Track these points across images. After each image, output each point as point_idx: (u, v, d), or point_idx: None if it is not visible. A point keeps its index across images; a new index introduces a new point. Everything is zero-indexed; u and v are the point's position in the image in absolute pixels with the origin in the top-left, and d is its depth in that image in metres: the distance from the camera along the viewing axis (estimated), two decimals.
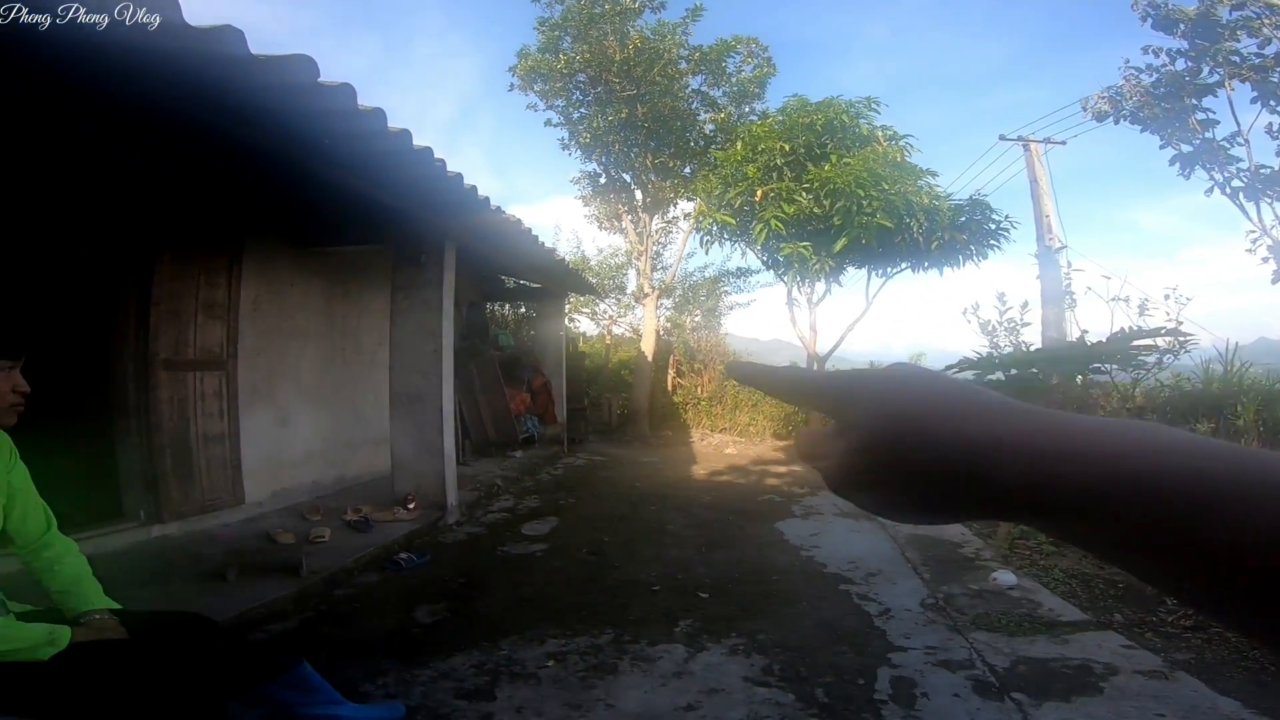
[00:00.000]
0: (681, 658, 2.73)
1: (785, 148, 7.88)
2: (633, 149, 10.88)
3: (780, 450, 10.03)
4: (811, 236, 7.76)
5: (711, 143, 11.04)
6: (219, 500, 4.35)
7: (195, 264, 4.22)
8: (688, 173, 11.30)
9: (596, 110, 10.52)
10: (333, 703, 2.00)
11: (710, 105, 11.06)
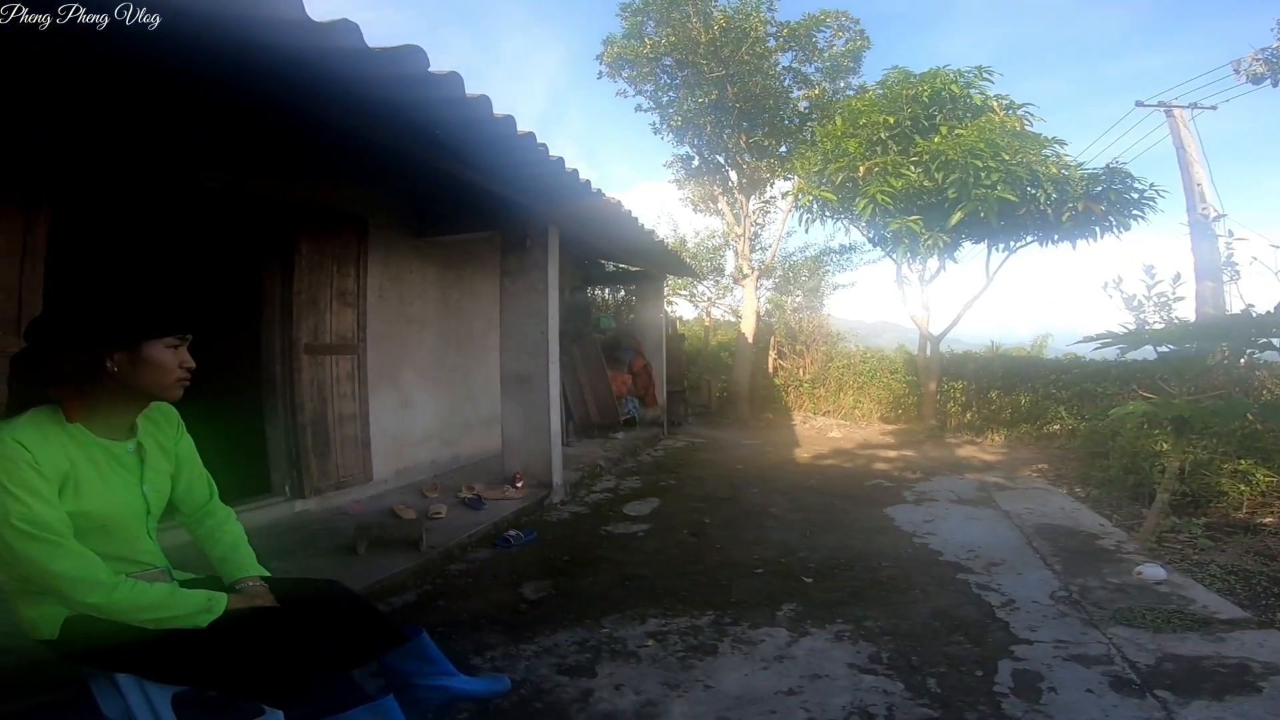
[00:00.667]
0: (784, 641, 2.69)
1: (889, 121, 7.53)
2: (725, 130, 10.74)
3: (889, 434, 9.62)
4: (922, 211, 7.36)
5: (807, 120, 10.75)
6: (351, 477, 4.70)
7: (329, 255, 4.55)
8: (783, 151, 11.04)
9: (686, 93, 10.47)
10: (446, 674, 2.06)
11: (803, 82, 10.76)
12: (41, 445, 1.41)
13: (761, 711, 2.17)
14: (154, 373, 1.53)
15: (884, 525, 4.53)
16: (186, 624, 1.53)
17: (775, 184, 12.17)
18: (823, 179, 8.09)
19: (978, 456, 7.64)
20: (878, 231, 8.38)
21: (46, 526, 1.38)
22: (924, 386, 9.83)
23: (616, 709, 2.17)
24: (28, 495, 1.37)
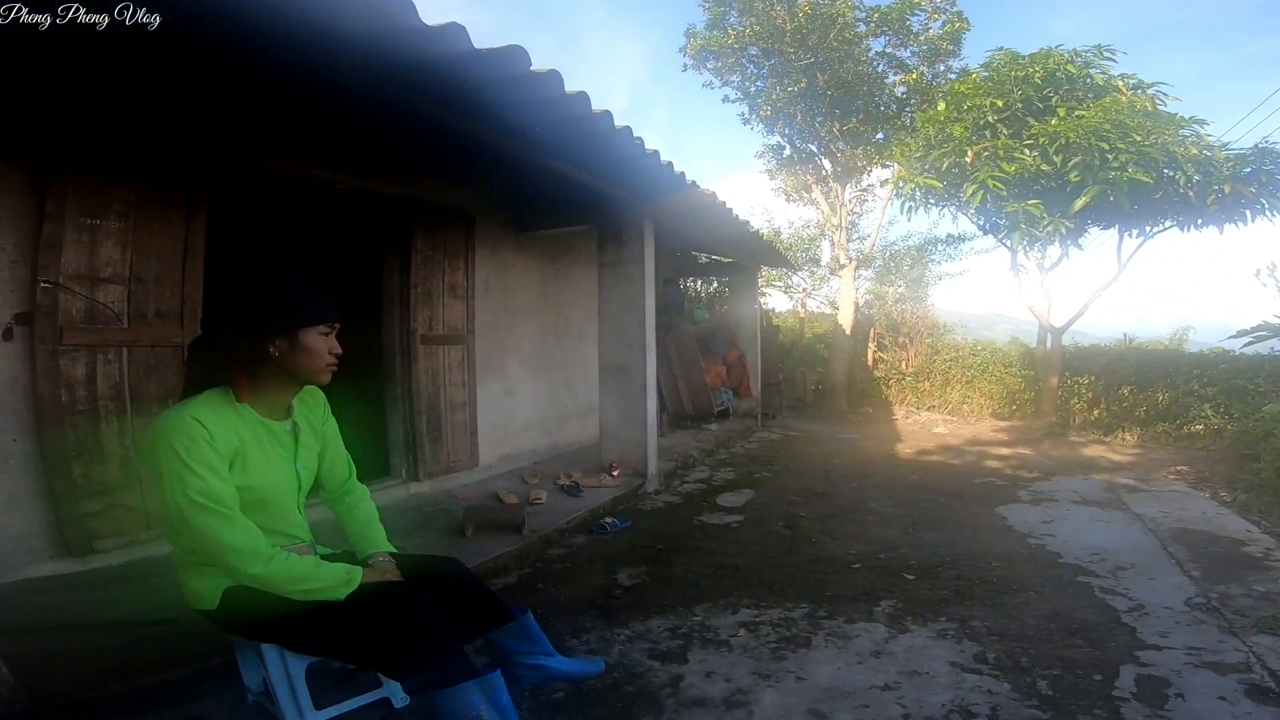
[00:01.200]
0: (881, 637, 2.62)
1: (998, 104, 7.13)
2: (816, 118, 10.46)
3: (1002, 431, 9.04)
4: (1040, 196, 6.88)
5: (904, 106, 10.31)
6: (460, 463, 4.97)
7: (440, 250, 4.83)
8: (880, 138, 10.64)
9: (774, 82, 10.24)
10: (545, 654, 2.14)
11: (899, 67, 10.28)
12: (216, 423, 1.57)
13: (854, 705, 2.13)
14: (308, 357, 1.67)
15: (995, 524, 4.28)
16: (328, 596, 1.65)
17: (872, 172, 11.76)
18: (925, 165, 7.73)
19: (1106, 456, 7.05)
20: (989, 218, 7.94)
21: (219, 500, 1.53)
22: (1044, 381, 9.17)
23: (706, 695, 2.19)
24: (204, 470, 1.52)
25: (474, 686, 1.62)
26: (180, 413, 1.56)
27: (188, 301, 3.24)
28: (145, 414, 3.10)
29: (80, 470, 2.91)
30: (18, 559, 2.82)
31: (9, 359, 2.76)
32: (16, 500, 2.82)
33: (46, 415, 2.81)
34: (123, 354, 3.04)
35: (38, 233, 2.79)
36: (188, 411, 1.56)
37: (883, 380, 11.63)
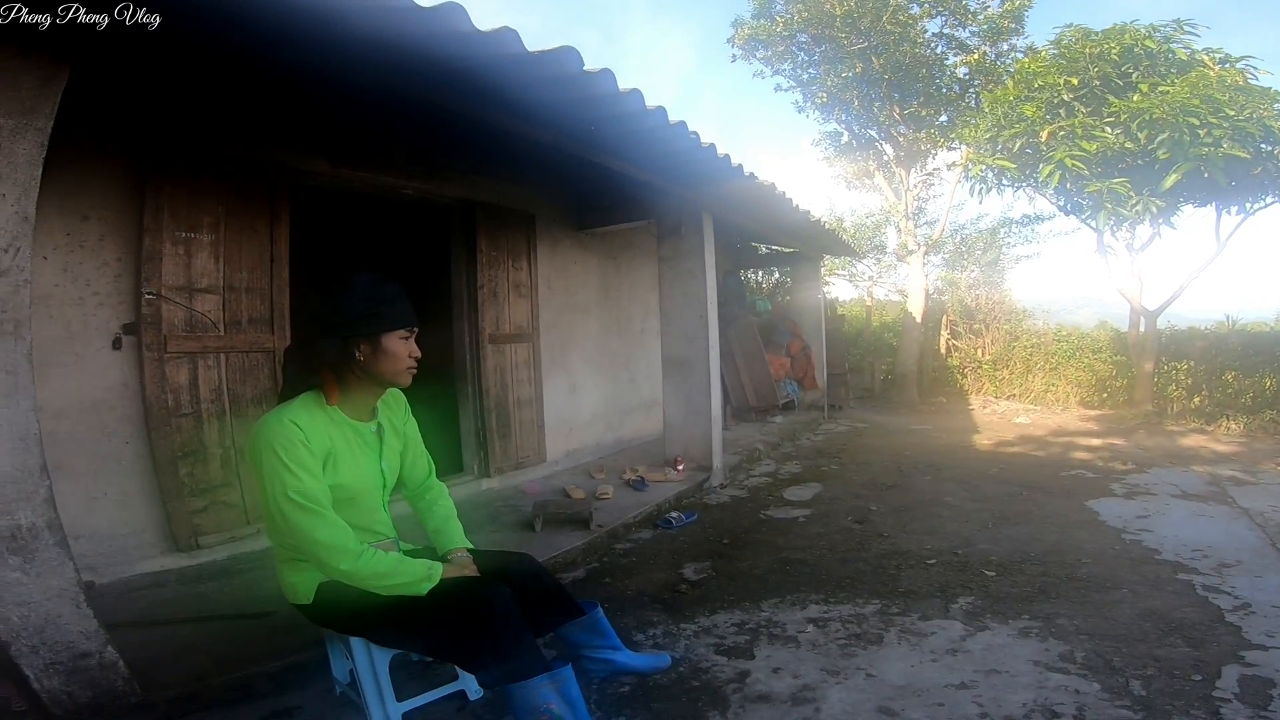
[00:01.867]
0: (958, 635, 2.53)
1: (1072, 82, 6.86)
2: (874, 103, 10.21)
3: (1091, 420, 8.54)
4: (1125, 174, 6.52)
5: (969, 87, 9.96)
6: (528, 459, 5.09)
7: (504, 251, 4.95)
8: (944, 121, 10.28)
9: (827, 68, 10.03)
10: (613, 648, 2.18)
11: (959, 47, 9.92)
12: (310, 425, 1.67)
13: (927, 703, 2.07)
14: (390, 361, 1.76)
15: (1084, 519, 4.05)
16: (410, 591, 1.71)
17: (937, 155, 11.36)
18: (996, 146, 7.45)
19: (1208, 447, 6.55)
20: (1070, 198, 7.57)
21: (314, 499, 1.62)
22: (1137, 367, 8.61)
23: (772, 691, 2.17)
24: (301, 470, 1.61)
25: (546, 680, 1.67)
26: (279, 416, 1.66)
27: (275, 308, 3.45)
28: (242, 416, 3.32)
29: (186, 469, 3.14)
30: (132, 554, 3.05)
31: (119, 366, 3.01)
32: (130, 498, 3.05)
33: (154, 418, 3.05)
34: (220, 360, 3.27)
35: (138, 246, 3.02)
36: (286, 415, 1.65)
37: (957, 369, 11.17)
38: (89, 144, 2.87)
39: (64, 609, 1.87)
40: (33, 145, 1.73)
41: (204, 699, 2.12)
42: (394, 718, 1.88)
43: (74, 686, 1.89)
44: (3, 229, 1.68)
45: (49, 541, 1.84)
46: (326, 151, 3.78)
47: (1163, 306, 8.29)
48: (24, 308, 1.73)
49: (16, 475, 1.77)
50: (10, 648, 1.80)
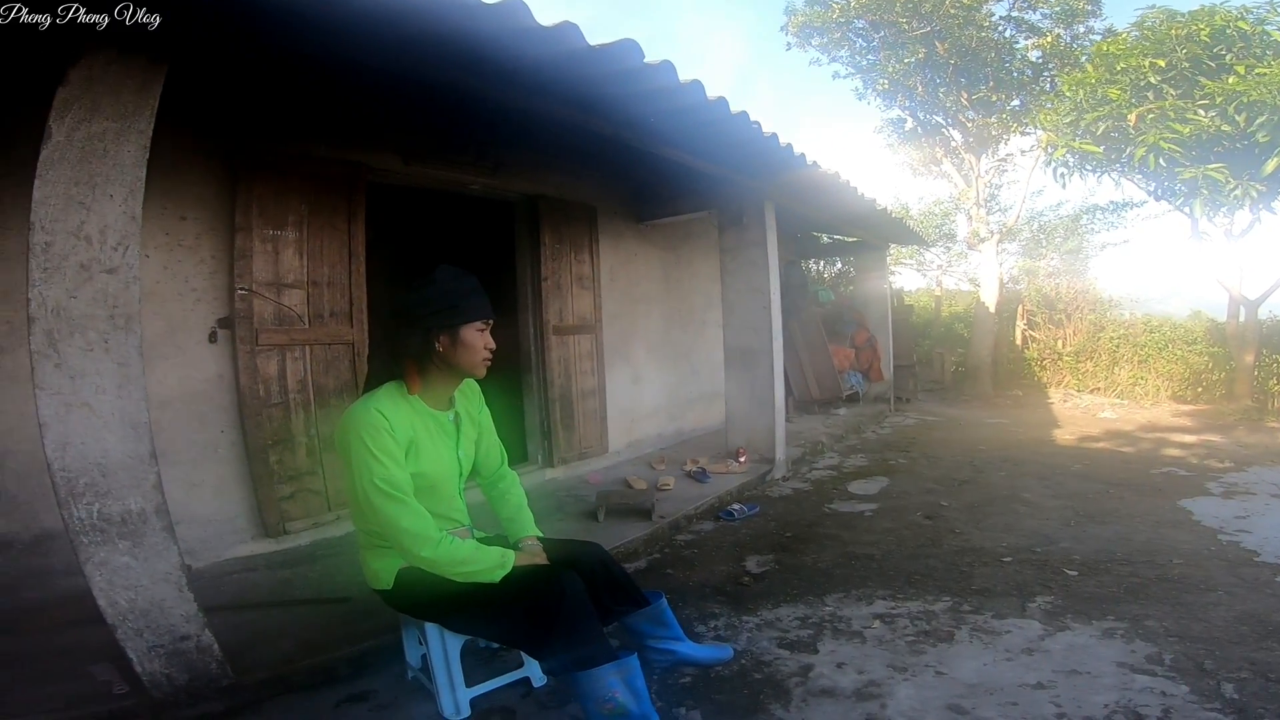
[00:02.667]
0: (1036, 634, 2.43)
1: (1159, 64, 6.53)
2: (940, 88, 9.88)
3: (1185, 416, 7.99)
4: (1222, 159, 6.16)
5: (1042, 70, 9.54)
6: (590, 449, 5.16)
7: (567, 243, 5.03)
8: (1017, 105, 9.88)
9: (888, 54, 9.73)
10: (676, 639, 2.20)
11: (1029, 30, 9.48)
12: (395, 414, 1.74)
13: (1001, 702, 2.00)
14: (468, 352, 1.82)
15: (1177, 519, 3.81)
16: (484, 578, 1.77)
17: (1010, 140, 10.93)
18: (1078, 130, 7.14)
19: None
20: (1161, 183, 7.17)
21: (398, 486, 1.69)
22: (1236, 360, 8.03)
23: (837, 686, 2.14)
24: (386, 458, 1.68)
25: (612, 669, 1.69)
26: (366, 405, 1.73)
27: (354, 302, 3.61)
28: (325, 406, 3.49)
29: (275, 457, 3.32)
30: (227, 539, 3.24)
31: (215, 359, 3.22)
32: (225, 485, 3.24)
33: (247, 408, 3.24)
34: (306, 352, 3.44)
35: (231, 244, 3.22)
36: (372, 404, 1.73)
37: (1035, 361, 10.64)
38: (184, 149, 3.06)
39: (168, 593, 1.95)
40: (136, 147, 1.84)
41: (289, 682, 2.20)
42: (462, 702, 1.95)
43: (173, 669, 1.97)
44: (112, 228, 1.81)
45: (156, 526, 1.92)
46: (399, 150, 3.93)
47: (1265, 295, 7.74)
48: (133, 302, 1.86)
49: (128, 462, 1.86)
50: (117, 630, 1.88)
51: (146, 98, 1.86)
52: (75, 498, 1.78)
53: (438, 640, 1.92)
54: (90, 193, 1.78)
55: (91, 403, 1.79)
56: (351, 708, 2.10)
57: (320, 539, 3.48)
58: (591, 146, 4.28)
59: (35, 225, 1.71)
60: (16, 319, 2.63)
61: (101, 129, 1.78)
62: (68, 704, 1.95)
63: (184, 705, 1.98)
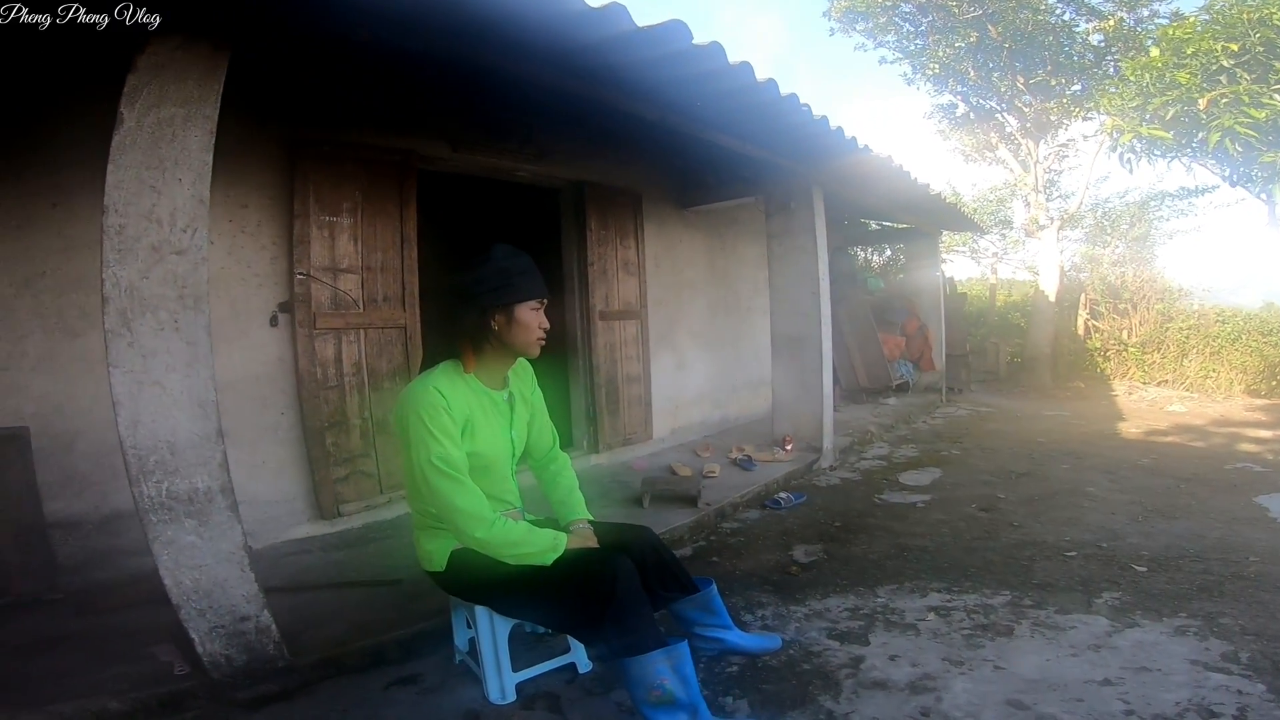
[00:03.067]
0: (1102, 630, 2.33)
1: (1231, 48, 6.27)
2: (993, 73, 9.54)
3: (1260, 410, 7.55)
4: None
5: (1104, 54, 9.11)
6: (635, 435, 5.16)
7: (612, 229, 5.02)
8: (1077, 90, 9.48)
9: (937, 39, 9.43)
10: (724, 627, 2.17)
11: (1090, 13, 9.03)
12: (452, 393, 1.75)
13: (1064, 698, 1.92)
14: (522, 331, 1.82)
15: (1253, 515, 3.60)
16: (536, 560, 1.76)
17: (1071, 125, 10.54)
18: (1145, 115, 6.93)
19: None
20: (1237, 169, 6.87)
21: (455, 465, 1.70)
22: None
23: (889, 679, 2.08)
24: (444, 437, 1.69)
25: (661, 655, 1.67)
26: (424, 383, 1.74)
27: (406, 286, 3.68)
28: (378, 389, 3.57)
29: (331, 440, 3.41)
30: (284, 520, 3.32)
31: (276, 342, 3.31)
32: (284, 466, 3.34)
33: (306, 391, 3.33)
34: (360, 335, 3.53)
35: (289, 230, 3.30)
36: (430, 382, 1.74)
37: (1098, 351, 10.20)
38: (246, 139, 3.15)
39: (230, 573, 1.97)
40: (203, 133, 1.89)
41: (341, 664, 2.22)
42: (508, 686, 1.97)
43: (232, 650, 1.99)
44: (182, 211, 1.87)
45: (222, 505, 1.95)
46: (447, 138, 3.97)
47: None
48: (202, 284, 1.91)
49: (195, 440, 1.89)
50: (181, 610, 1.91)
51: (211, 84, 1.91)
52: (146, 475, 1.83)
53: (486, 624, 1.93)
54: (160, 177, 1.84)
55: (162, 381, 1.84)
56: (399, 690, 2.12)
57: (372, 521, 3.55)
58: (637, 132, 4.25)
59: (109, 208, 1.78)
60: (89, 304, 2.76)
61: (170, 114, 1.84)
62: (132, 685, 1.99)
63: (241, 687, 2.01)
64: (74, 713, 1.86)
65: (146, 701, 1.93)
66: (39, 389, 2.76)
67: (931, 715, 1.88)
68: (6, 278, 2.70)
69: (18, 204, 2.71)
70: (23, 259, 2.72)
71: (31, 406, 2.74)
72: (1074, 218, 11.43)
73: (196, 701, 1.99)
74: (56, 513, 2.74)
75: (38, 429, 2.70)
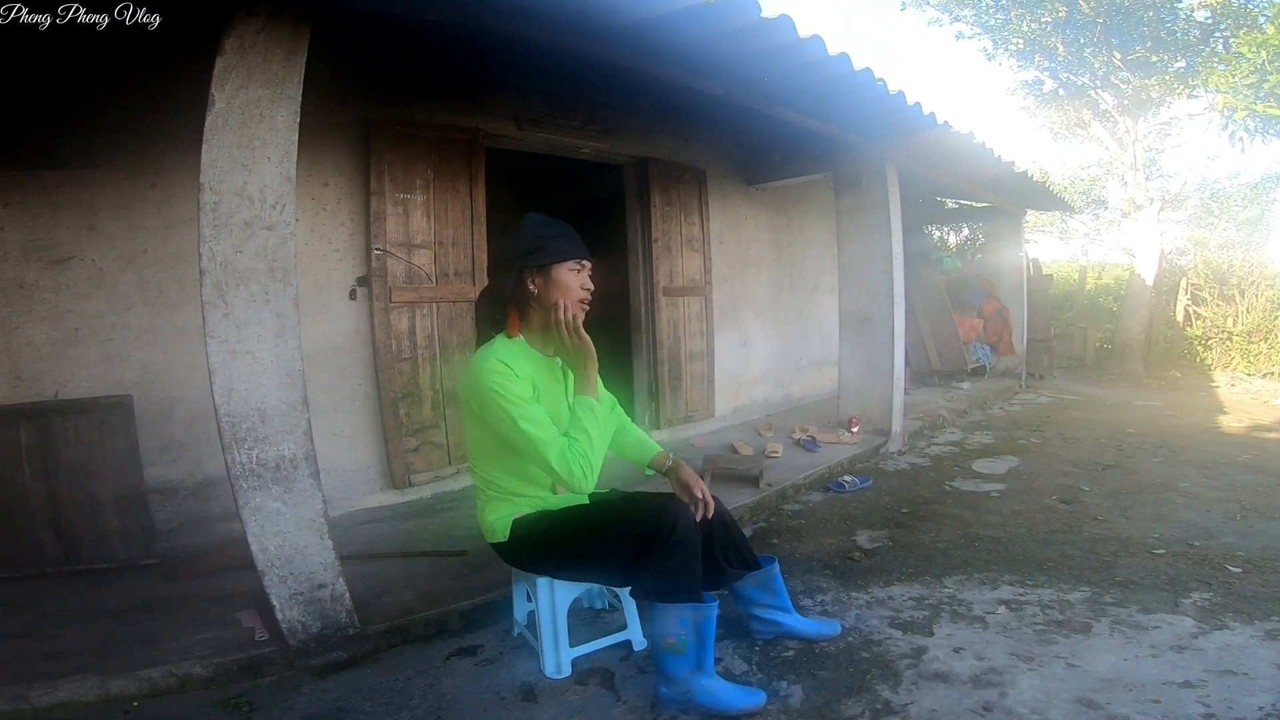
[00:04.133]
0: (1187, 632, 2.19)
1: None
2: (1085, 49, 8.92)
3: None
4: None
5: (1212, 31, 8.38)
6: (697, 412, 5.14)
7: (676, 205, 4.99)
8: (1182, 67, 8.75)
9: (1021, 13, 8.91)
10: (783, 609, 2.15)
11: None
12: (514, 361, 1.78)
13: (1140, 699, 1.82)
14: (561, 292, 1.83)
15: None
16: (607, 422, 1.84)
17: (1173, 103, 9.80)
18: (1260, 93, 6.48)
19: None
20: None
21: (542, 424, 1.73)
22: None
23: (952, 671, 2.01)
24: (522, 402, 1.73)
25: (688, 609, 1.72)
26: (487, 359, 1.77)
27: (476, 261, 3.78)
28: (449, 361, 3.69)
29: (404, 410, 3.54)
30: (359, 489, 3.48)
31: (354, 315, 3.47)
32: (359, 436, 3.49)
33: (381, 362, 3.47)
34: (433, 309, 3.65)
35: (366, 208, 3.43)
36: (492, 356, 1.77)
37: (1198, 339, 9.48)
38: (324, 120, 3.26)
39: (310, 540, 2.01)
40: (288, 112, 1.97)
41: (406, 633, 2.27)
42: (564, 660, 2.01)
43: (308, 617, 2.04)
44: (270, 188, 1.96)
45: (305, 472, 2.00)
46: (513, 116, 4.02)
47: None
48: (290, 257, 2.01)
49: (283, 408, 1.96)
50: (264, 577, 1.97)
51: (294, 65, 1.98)
52: (238, 442, 1.92)
53: (547, 596, 1.96)
54: (251, 155, 1.93)
55: (254, 350, 1.95)
56: (460, 661, 2.17)
57: (441, 492, 3.69)
58: (702, 108, 4.19)
59: (204, 186, 1.88)
60: (186, 278, 2.94)
61: (257, 95, 1.92)
62: (216, 650, 2.06)
63: (314, 654, 2.08)
64: (161, 677, 1.96)
65: (228, 667, 2.02)
66: (141, 359, 2.97)
67: (995, 710, 1.82)
68: (111, 255, 2.90)
69: (120, 186, 2.91)
70: (126, 237, 2.93)
71: (134, 375, 2.95)
72: (1177, 199, 10.64)
73: (273, 668, 2.06)
74: (154, 478, 2.94)
75: (139, 397, 2.90)
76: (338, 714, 1.89)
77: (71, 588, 2.60)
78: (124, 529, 2.77)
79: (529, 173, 5.71)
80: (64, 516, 2.70)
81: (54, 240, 2.80)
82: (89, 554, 2.72)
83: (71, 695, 1.88)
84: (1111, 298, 11.28)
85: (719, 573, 1.99)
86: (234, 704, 1.93)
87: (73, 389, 2.82)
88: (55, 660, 2.02)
